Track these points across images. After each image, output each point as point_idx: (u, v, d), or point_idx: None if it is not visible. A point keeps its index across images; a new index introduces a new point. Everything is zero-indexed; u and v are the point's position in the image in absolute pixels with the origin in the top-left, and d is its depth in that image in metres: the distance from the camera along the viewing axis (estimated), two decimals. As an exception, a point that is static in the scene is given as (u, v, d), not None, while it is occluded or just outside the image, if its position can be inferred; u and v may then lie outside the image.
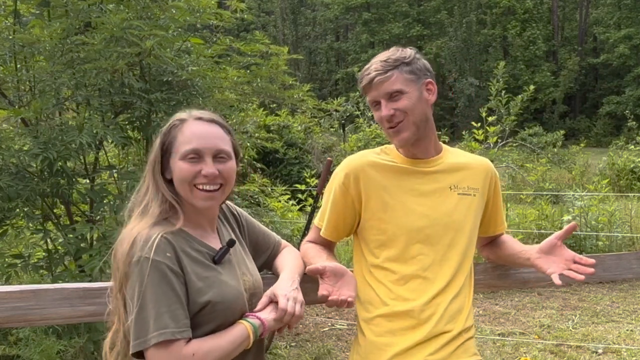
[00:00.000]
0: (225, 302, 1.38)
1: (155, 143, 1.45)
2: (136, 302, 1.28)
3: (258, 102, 5.85)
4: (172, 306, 1.28)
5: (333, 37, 47.14)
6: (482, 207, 1.80)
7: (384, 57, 1.71)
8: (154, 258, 1.29)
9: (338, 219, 1.78)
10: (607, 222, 7.12)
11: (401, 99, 1.67)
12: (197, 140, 1.40)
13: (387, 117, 1.68)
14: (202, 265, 1.39)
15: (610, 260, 2.13)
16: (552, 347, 4.56)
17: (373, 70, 1.69)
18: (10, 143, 3.29)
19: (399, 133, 1.69)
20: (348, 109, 13.82)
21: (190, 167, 1.39)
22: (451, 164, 1.78)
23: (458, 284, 1.70)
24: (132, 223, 1.40)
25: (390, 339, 1.65)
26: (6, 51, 3.41)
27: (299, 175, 11.41)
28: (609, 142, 19.97)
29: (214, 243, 1.47)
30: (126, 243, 1.34)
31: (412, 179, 1.74)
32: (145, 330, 1.26)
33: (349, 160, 1.79)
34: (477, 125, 8.55)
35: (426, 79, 1.72)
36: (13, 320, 1.54)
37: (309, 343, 4.74)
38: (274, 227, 5.55)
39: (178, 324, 1.28)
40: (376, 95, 1.70)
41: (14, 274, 3.43)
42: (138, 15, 3.38)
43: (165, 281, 1.29)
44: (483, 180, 1.79)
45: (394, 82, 1.67)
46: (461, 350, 1.67)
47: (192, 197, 1.41)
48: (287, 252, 1.71)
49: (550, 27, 42.93)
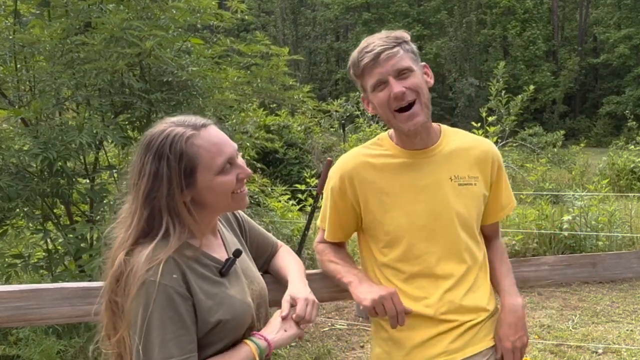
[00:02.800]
0: (236, 319, 1.36)
1: (156, 170, 1.30)
2: (140, 326, 1.25)
3: (258, 102, 5.85)
4: (178, 332, 1.26)
5: (333, 37, 47.10)
6: (486, 193, 1.71)
7: (382, 36, 1.59)
8: (161, 282, 1.25)
9: (340, 220, 1.75)
10: (607, 222, 7.11)
11: (410, 77, 1.55)
12: (224, 149, 1.35)
13: (398, 93, 1.53)
14: (209, 281, 1.35)
15: (610, 259, 2.13)
16: (552, 347, 4.55)
17: (376, 46, 1.55)
18: (10, 143, 3.30)
19: (414, 117, 1.56)
20: (348, 109, 13.83)
21: (230, 178, 1.35)
22: (450, 151, 1.68)
23: (472, 276, 1.66)
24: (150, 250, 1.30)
25: (409, 333, 1.64)
26: (6, 51, 3.42)
27: (299, 175, 11.41)
28: (609, 142, 19.94)
29: (218, 251, 1.43)
30: (139, 262, 1.28)
31: (411, 173, 1.65)
32: (150, 357, 1.24)
33: (343, 162, 1.71)
34: (477, 125, 8.53)
35: (421, 62, 1.64)
36: (13, 320, 1.54)
37: (309, 343, 4.74)
38: (274, 227, 5.55)
39: (182, 351, 1.25)
40: (383, 72, 1.54)
41: (14, 274, 3.43)
42: (138, 16, 3.39)
43: (172, 306, 1.26)
44: (484, 166, 1.69)
45: (403, 57, 1.55)
46: (483, 334, 1.66)
47: (233, 203, 1.39)
48: (286, 253, 1.70)
49: (550, 27, 42.91)
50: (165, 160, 1.29)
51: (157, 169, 1.30)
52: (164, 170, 1.29)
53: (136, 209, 1.32)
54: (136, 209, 1.32)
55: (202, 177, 1.32)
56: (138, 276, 1.26)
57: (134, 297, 1.26)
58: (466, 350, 1.63)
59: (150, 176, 1.30)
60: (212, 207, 1.38)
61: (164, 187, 1.29)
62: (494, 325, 1.70)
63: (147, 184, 1.30)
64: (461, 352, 1.63)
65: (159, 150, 1.30)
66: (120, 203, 1.44)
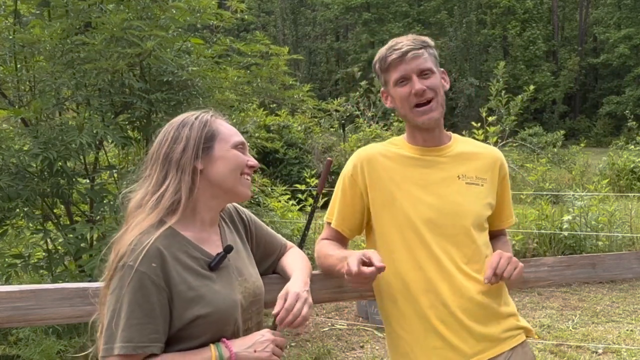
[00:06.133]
0: (217, 313, 1.36)
1: (178, 134, 1.41)
2: (112, 308, 1.29)
3: (258, 102, 5.86)
4: (143, 319, 1.28)
5: (333, 37, 47.10)
6: (492, 197, 1.76)
7: (410, 37, 1.72)
8: (138, 268, 1.28)
9: (346, 209, 1.78)
10: (607, 222, 7.12)
11: (430, 78, 1.68)
12: (238, 135, 1.48)
13: (420, 90, 1.66)
14: (194, 273, 1.36)
15: (610, 260, 2.12)
16: (552, 347, 4.55)
17: (404, 45, 1.69)
18: (10, 143, 3.30)
19: (429, 112, 1.68)
20: (348, 109, 13.83)
21: (243, 156, 1.46)
22: (460, 153, 1.76)
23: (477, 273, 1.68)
24: (139, 217, 1.37)
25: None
26: (6, 51, 3.42)
27: (299, 175, 11.42)
28: (609, 142, 19.96)
29: (213, 247, 1.44)
30: (125, 245, 1.33)
31: (420, 168, 1.72)
32: (113, 338, 1.27)
33: (358, 152, 1.81)
34: (477, 125, 8.54)
35: (441, 68, 1.76)
36: (13, 320, 1.54)
37: (309, 343, 4.74)
38: (274, 227, 5.54)
39: (142, 339, 1.27)
40: (408, 69, 1.68)
41: (14, 274, 3.43)
42: (138, 16, 3.38)
43: (143, 293, 1.28)
44: (492, 171, 1.77)
45: (427, 59, 1.69)
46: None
47: (239, 185, 1.46)
48: (294, 254, 1.70)
49: (550, 27, 42.91)
50: (189, 126, 1.42)
51: (178, 133, 1.41)
52: (185, 133, 1.41)
53: (153, 172, 1.41)
54: (153, 172, 1.41)
55: (220, 146, 1.43)
56: (120, 258, 1.31)
57: (112, 277, 1.32)
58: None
59: (171, 140, 1.41)
60: (219, 182, 1.42)
61: (181, 147, 1.39)
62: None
63: (167, 147, 1.41)
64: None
65: (184, 120, 1.44)
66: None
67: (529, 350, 1.75)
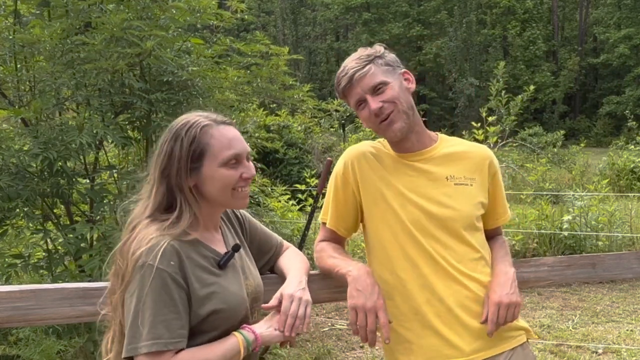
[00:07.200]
0: (229, 310, 1.40)
1: (171, 150, 1.41)
2: (134, 307, 1.30)
3: (258, 102, 5.86)
4: (169, 316, 1.30)
5: (333, 37, 47.12)
6: (483, 196, 1.75)
7: (355, 57, 1.71)
8: (158, 266, 1.31)
9: (340, 207, 1.78)
10: (607, 222, 7.12)
11: (385, 90, 1.66)
12: (235, 144, 1.43)
13: (376, 110, 1.64)
14: (206, 270, 1.40)
15: (610, 260, 2.12)
16: (552, 347, 4.55)
17: (349, 69, 1.67)
18: (10, 143, 3.30)
19: (392, 124, 1.66)
20: (348, 108, 13.81)
21: (233, 173, 1.42)
22: (447, 154, 1.75)
23: (473, 273, 1.67)
24: (145, 223, 1.39)
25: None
26: (6, 51, 3.42)
27: (299, 175, 11.41)
28: (609, 142, 19.96)
29: (218, 246, 1.48)
30: (144, 246, 1.34)
31: (408, 170, 1.72)
32: (139, 337, 1.28)
33: (348, 150, 1.81)
34: (477, 125, 8.54)
35: (401, 69, 1.73)
36: (13, 320, 1.54)
37: (309, 343, 4.74)
38: (274, 227, 5.54)
39: (172, 335, 1.30)
40: (359, 92, 1.67)
41: (14, 274, 3.42)
42: (138, 16, 3.38)
43: (165, 290, 1.31)
44: (481, 170, 1.75)
45: (375, 74, 1.66)
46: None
47: (232, 200, 1.45)
48: (291, 253, 1.71)
49: (550, 27, 42.92)
50: (179, 142, 1.40)
51: (171, 148, 1.41)
52: (177, 151, 1.40)
53: (154, 183, 1.43)
54: (154, 184, 1.43)
55: (208, 165, 1.41)
56: (137, 259, 1.32)
57: (131, 279, 1.33)
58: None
59: (166, 155, 1.41)
60: (212, 199, 1.44)
61: (175, 166, 1.40)
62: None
63: (162, 161, 1.41)
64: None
65: (176, 132, 1.42)
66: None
67: (530, 352, 1.74)
